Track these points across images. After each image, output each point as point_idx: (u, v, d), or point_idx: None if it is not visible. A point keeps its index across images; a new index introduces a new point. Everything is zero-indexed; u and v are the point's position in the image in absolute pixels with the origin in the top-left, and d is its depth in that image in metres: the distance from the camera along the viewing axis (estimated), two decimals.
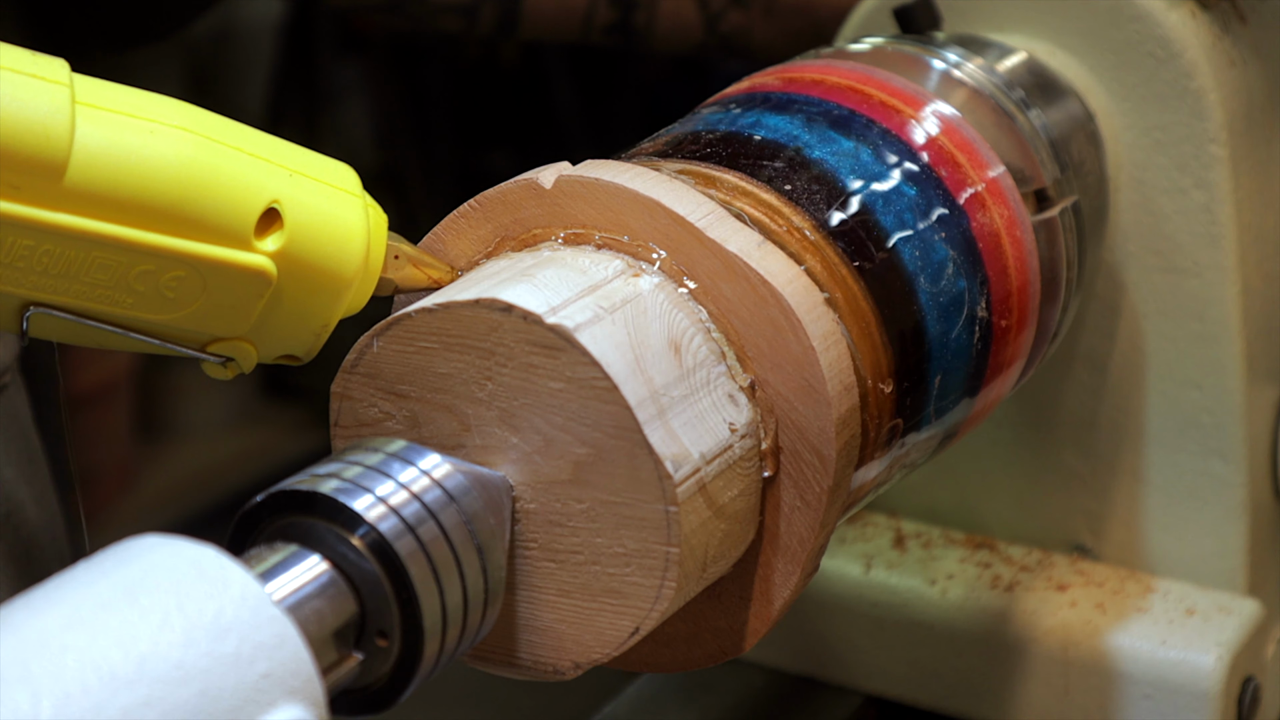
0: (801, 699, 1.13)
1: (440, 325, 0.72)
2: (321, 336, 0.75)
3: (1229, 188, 1.02)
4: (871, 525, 1.15)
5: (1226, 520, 1.06)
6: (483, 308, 0.71)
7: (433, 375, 0.72)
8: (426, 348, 0.72)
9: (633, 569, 0.70)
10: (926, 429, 0.85)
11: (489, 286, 0.72)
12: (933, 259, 0.84)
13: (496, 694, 1.16)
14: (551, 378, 0.70)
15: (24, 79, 0.68)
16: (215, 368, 0.75)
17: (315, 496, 0.65)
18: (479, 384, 0.72)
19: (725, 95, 0.90)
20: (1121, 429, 1.08)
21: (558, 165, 0.78)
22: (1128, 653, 1.04)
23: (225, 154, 0.71)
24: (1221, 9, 1.04)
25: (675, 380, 0.71)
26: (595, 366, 0.69)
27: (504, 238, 0.78)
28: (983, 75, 0.97)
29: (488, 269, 0.76)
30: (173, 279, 0.71)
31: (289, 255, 0.72)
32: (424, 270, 0.77)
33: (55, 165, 0.68)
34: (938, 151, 0.88)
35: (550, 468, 0.71)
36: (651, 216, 0.75)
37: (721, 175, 0.81)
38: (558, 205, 0.77)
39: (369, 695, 0.66)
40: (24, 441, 0.97)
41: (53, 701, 0.54)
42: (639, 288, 0.74)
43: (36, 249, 0.69)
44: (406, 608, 0.65)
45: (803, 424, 0.74)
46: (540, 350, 0.70)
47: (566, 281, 0.73)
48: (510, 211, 0.78)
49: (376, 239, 0.76)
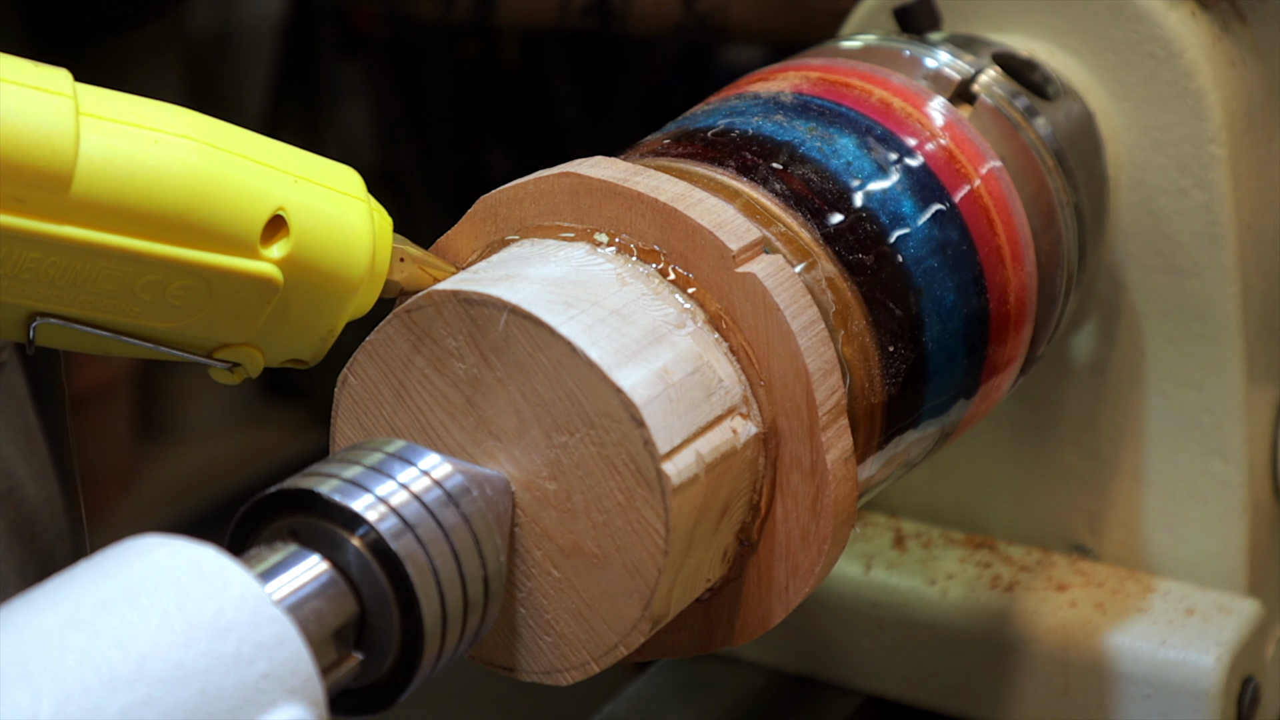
0: (801, 699, 1.13)
1: (426, 323, 0.72)
2: (328, 340, 0.75)
3: (1229, 188, 1.02)
4: (871, 525, 1.15)
5: (1226, 520, 1.06)
6: (478, 304, 0.71)
7: (428, 374, 0.72)
8: (416, 343, 0.73)
9: (634, 499, 0.70)
10: (924, 427, 0.85)
11: (477, 283, 0.72)
12: (930, 256, 0.84)
13: (496, 694, 1.17)
14: (542, 371, 0.70)
15: (27, 91, 0.67)
16: (222, 373, 0.75)
17: (315, 496, 0.65)
18: (475, 381, 0.72)
19: (725, 94, 0.90)
20: (1121, 429, 1.08)
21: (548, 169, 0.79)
22: (1127, 653, 1.04)
23: (230, 162, 0.71)
24: (1221, 9, 1.04)
25: (665, 366, 0.71)
26: (586, 360, 0.69)
27: (496, 240, 0.78)
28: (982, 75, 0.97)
29: (478, 267, 0.76)
30: (179, 288, 0.71)
31: (295, 262, 0.72)
32: (430, 272, 0.77)
33: (61, 178, 0.68)
34: (936, 149, 0.88)
35: (528, 440, 0.71)
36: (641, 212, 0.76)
37: (717, 175, 0.81)
38: (552, 205, 0.77)
39: (369, 695, 0.66)
40: (21, 419, 0.97)
41: (53, 701, 0.54)
42: (630, 282, 0.74)
43: (43, 261, 0.68)
44: (406, 608, 0.65)
45: (788, 404, 0.75)
46: (533, 344, 0.70)
47: (553, 278, 0.73)
48: (507, 212, 0.78)
49: (382, 242, 0.76)
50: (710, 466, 0.71)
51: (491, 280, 0.72)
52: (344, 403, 0.74)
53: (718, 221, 0.75)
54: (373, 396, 0.74)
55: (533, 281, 0.72)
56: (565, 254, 0.75)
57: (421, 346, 0.72)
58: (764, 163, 0.82)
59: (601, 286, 0.73)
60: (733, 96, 0.89)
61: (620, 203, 0.75)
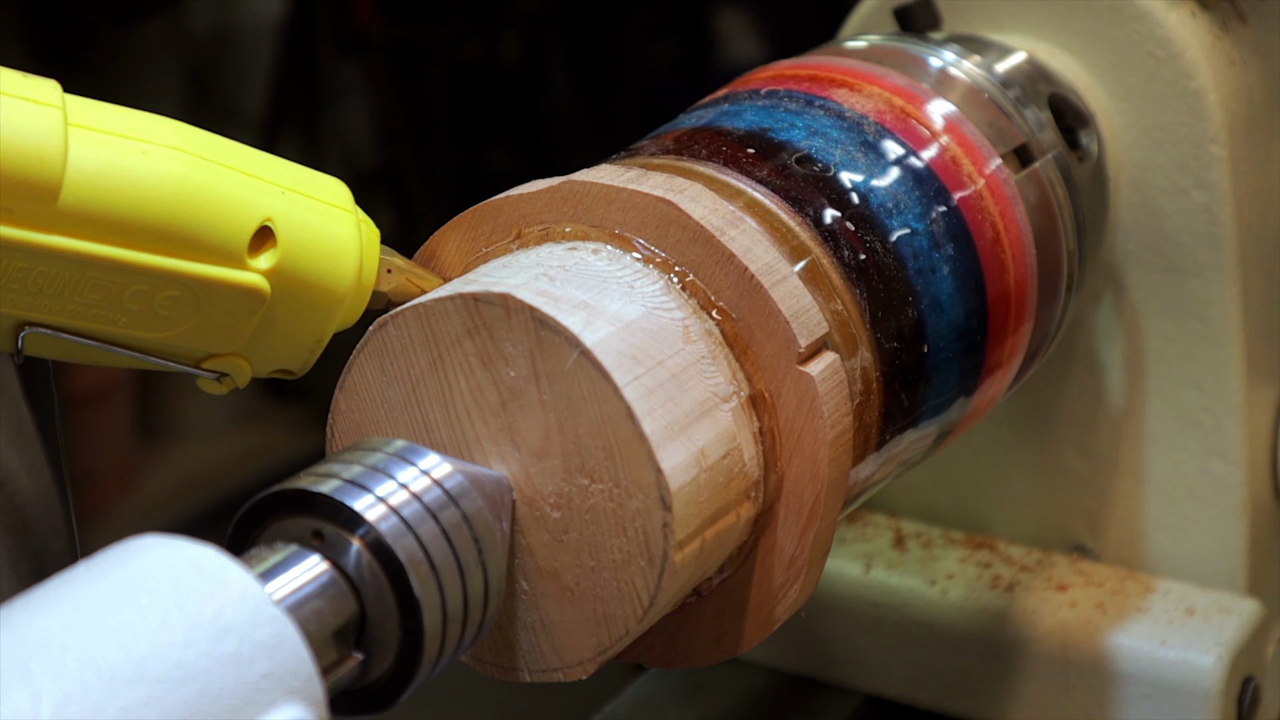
0: (801, 699, 1.13)
1: (489, 319, 0.72)
2: (315, 351, 0.76)
3: (1229, 188, 1.02)
4: (871, 525, 1.15)
5: (1226, 520, 1.06)
6: (551, 330, 0.71)
7: (473, 362, 0.72)
8: (414, 347, 0.72)
9: (630, 564, 0.70)
10: (923, 425, 0.85)
11: (554, 302, 0.72)
12: (931, 256, 0.84)
13: (496, 694, 1.17)
14: (590, 417, 0.70)
15: (16, 102, 0.68)
16: (210, 383, 0.75)
17: (315, 496, 0.65)
18: (517, 392, 0.71)
19: (725, 92, 0.90)
20: (1121, 429, 1.08)
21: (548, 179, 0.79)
22: (1127, 653, 1.04)
23: (218, 173, 0.72)
24: (1221, 9, 1.04)
25: (703, 448, 0.71)
26: (639, 431, 0.69)
27: (491, 244, 0.78)
28: (981, 74, 0.97)
29: (554, 270, 0.76)
30: (166, 298, 0.71)
31: (282, 273, 0.73)
32: (416, 283, 0.77)
33: (49, 188, 0.68)
34: (937, 149, 0.88)
35: (547, 464, 0.71)
36: (649, 218, 0.76)
37: (718, 174, 0.81)
38: (548, 207, 0.77)
39: (369, 695, 0.66)
40: (13, 411, 0.97)
41: (53, 701, 0.54)
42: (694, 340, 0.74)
43: (31, 270, 0.69)
44: (407, 608, 0.65)
45: (794, 502, 0.75)
46: (591, 391, 0.70)
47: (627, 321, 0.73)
48: (496, 217, 0.78)
49: (369, 254, 0.76)
50: (710, 549, 0.72)
51: (569, 305, 0.71)
52: (374, 345, 0.73)
53: (794, 309, 0.75)
54: (405, 354, 0.73)
55: (609, 321, 0.71)
56: (641, 287, 0.74)
57: (476, 336, 0.71)
58: (764, 161, 0.82)
59: (667, 342, 0.72)
60: (733, 95, 0.89)
61: (707, 251, 0.75)
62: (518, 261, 0.75)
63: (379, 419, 0.74)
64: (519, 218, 0.78)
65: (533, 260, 0.74)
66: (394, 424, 0.73)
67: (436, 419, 0.73)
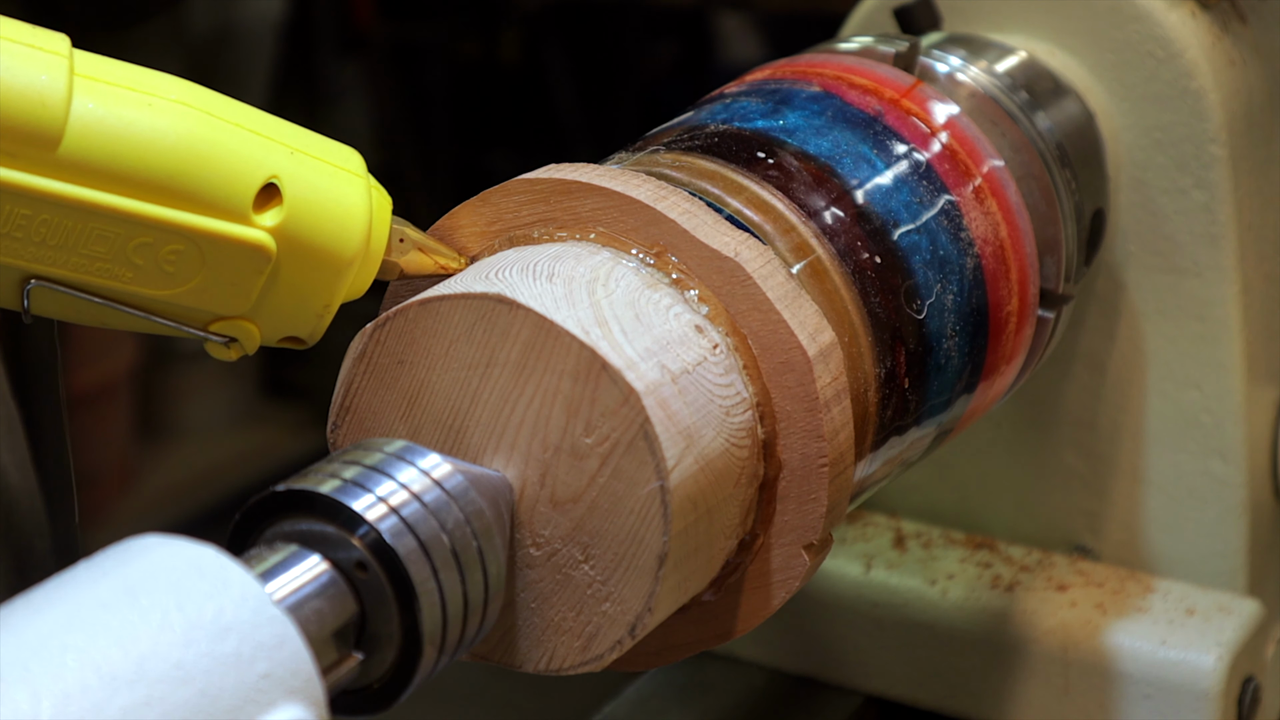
0: (801, 699, 1.13)
1: (434, 320, 0.72)
2: (324, 318, 0.75)
3: (1229, 188, 1.02)
4: (871, 525, 1.15)
5: (1226, 520, 1.06)
6: (490, 301, 0.71)
7: (431, 371, 0.72)
8: (423, 340, 0.72)
9: (630, 563, 0.70)
10: (924, 424, 0.85)
11: (491, 280, 0.72)
12: (932, 254, 0.84)
13: (496, 694, 1.16)
14: (548, 371, 0.70)
15: (22, 48, 0.68)
16: (219, 348, 0.75)
17: (315, 496, 0.65)
18: (477, 380, 0.71)
19: (726, 90, 0.90)
20: (1121, 429, 1.08)
21: (557, 165, 0.78)
22: (1128, 653, 1.04)
23: (224, 129, 0.72)
24: (1221, 9, 1.04)
25: (675, 368, 0.71)
26: (594, 356, 0.69)
27: (504, 235, 0.78)
28: (982, 74, 0.97)
29: (486, 262, 0.76)
30: (171, 252, 0.71)
31: (288, 232, 0.72)
32: (431, 255, 0.77)
33: (51, 133, 0.68)
34: (938, 147, 0.88)
35: (547, 464, 0.71)
36: (643, 219, 0.76)
37: (720, 170, 0.81)
38: (552, 204, 0.77)
39: (369, 695, 0.66)
40: (3, 408, 0.97)
41: (53, 701, 0.54)
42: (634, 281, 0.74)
43: (34, 218, 0.69)
44: (407, 608, 0.65)
45: (789, 399, 0.75)
46: (536, 345, 0.70)
47: (569, 278, 0.73)
48: (510, 208, 0.78)
49: (379, 220, 0.75)
50: (711, 472, 0.72)
51: (612, 340, 0.70)
52: (376, 343, 0.73)
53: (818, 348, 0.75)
54: (436, 336, 0.72)
55: (647, 359, 0.70)
56: (668, 308, 0.73)
57: (527, 351, 0.71)
58: (765, 159, 0.82)
59: (701, 395, 0.72)
60: (734, 94, 0.89)
61: (726, 279, 0.75)
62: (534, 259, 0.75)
63: (380, 418, 0.74)
64: (539, 213, 0.77)
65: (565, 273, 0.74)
66: (395, 424, 0.73)
67: (438, 418, 0.73)
